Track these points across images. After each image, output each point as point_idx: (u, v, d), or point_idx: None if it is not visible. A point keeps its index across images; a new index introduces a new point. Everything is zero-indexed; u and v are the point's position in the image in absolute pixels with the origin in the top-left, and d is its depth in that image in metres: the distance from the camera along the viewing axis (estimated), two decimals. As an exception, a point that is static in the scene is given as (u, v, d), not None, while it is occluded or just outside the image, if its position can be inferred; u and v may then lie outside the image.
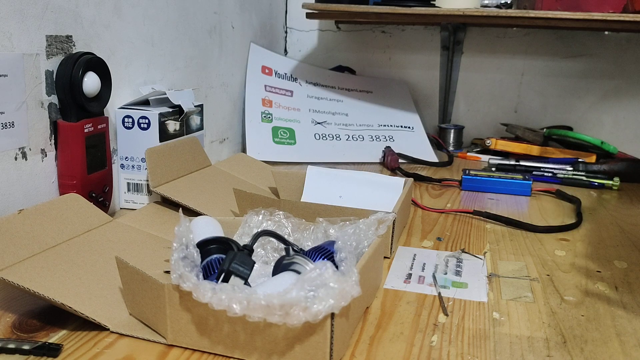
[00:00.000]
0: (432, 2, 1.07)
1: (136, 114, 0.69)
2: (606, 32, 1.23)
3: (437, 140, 1.24)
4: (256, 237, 0.45)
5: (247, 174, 0.81)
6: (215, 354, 0.39)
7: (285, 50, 1.39)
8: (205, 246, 0.46)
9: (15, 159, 0.55)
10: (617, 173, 1.01)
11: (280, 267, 0.44)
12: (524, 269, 0.58)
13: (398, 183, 0.73)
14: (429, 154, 1.13)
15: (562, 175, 0.99)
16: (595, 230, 0.71)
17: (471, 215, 0.76)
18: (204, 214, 0.62)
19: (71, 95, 0.59)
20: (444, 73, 1.32)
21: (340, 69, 1.34)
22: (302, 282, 0.37)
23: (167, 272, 0.49)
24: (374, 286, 0.50)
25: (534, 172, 1.01)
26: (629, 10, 0.96)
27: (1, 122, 0.53)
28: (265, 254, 0.53)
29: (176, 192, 0.66)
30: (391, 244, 0.59)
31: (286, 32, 1.38)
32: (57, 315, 0.44)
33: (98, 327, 0.42)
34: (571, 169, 1.02)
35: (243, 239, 0.52)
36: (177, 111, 0.74)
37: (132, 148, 0.69)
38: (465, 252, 0.61)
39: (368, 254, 0.45)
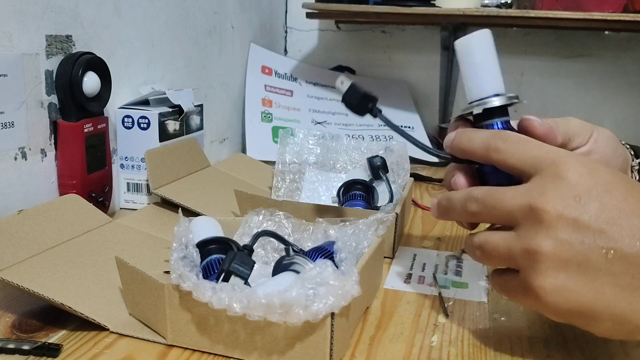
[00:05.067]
0: (432, 2, 1.07)
1: (136, 113, 0.69)
2: (606, 32, 1.22)
3: (437, 140, 1.24)
4: (256, 237, 0.45)
5: (247, 174, 0.81)
6: (215, 354, 0.39)
7: (285, 50, 1.39)
8: (205, 246, 0.46)
9: (15, 159, 0.55)
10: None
11: (280, 267, 0.44)
12: (524, 269, 0.57)
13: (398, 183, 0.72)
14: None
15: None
16: (596, 230, 0.71)
17: (471, 215, 0.75)
18: (205, 215, 0.62)
19: (71, 95, 0.58)
20: (444, 73, 1.32)
21: (340, 69, 1.33)
22: (302, 280, 0.37)
23: (167, 272, 0.49)
24: (374, 286, 0.50)
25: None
26: (629, 10, 0.96)
27: (1, 122, 0.53)
28: (265, 254, 0.53)
29: (177, 193, 0.66)
30: (393, 244, 0.59)
31: (286, 31, 1.38)
32: (56, 316, 0.44)
33: (98, 327, 0.42)
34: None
35: (243, 239, 0.52)
36: (177, 111, 0.74)
37: (131, 148, 0.69)
38: (466, 252, 0.61)
39: (368, 254, 0.45)
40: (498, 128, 0.42)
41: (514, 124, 0.44)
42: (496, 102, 0.42)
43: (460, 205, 0.40)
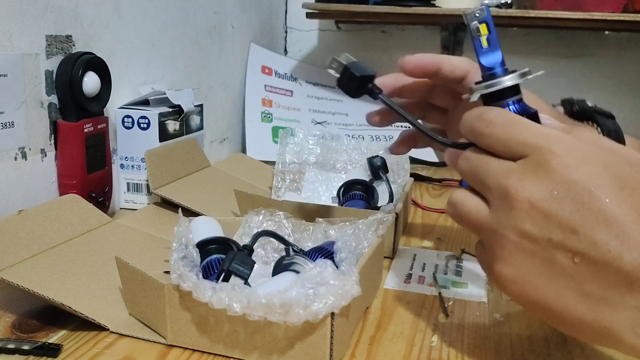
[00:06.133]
0: (432, 2, 1.07)
1: (136, 113, 0.69)
2: (606, 32, 1.22)
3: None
4: (256, 237, 0.45)
5: (247, 174, 0.81)
6: (215, 354, 0.39)
7: (285, 50, 1.39)
8: (205, 246, 0.46)
9: (15, 159, 0.55)
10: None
11: (280, 267, 0.44)
12: (524, 269, 0.57)
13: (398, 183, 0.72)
14: (429, 154, 1.13)
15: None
16: (596, 230, 0.71)
17: (471, 215, 0.75)
18: (205, 215, 0.62)
19: (71, 95, 0.58)
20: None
21: (340, 69, 1.33)
22: (302, 280, 0.37)
23: (167, 272, 0.49)
24: (374, 286, 0.50)
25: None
26: (629, 10, 0.96)
27: (1, 122, 0.53)
28: (265, 254, 0.53)
29: (177, 193, 0.66)
30: (393, 244, 0.59)
31: (286, 32, 1.38)
32: (56, 315, 0.44)
33: (98, 327, 0.42)
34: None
35: (243, 239, 0.52)
36: (177, 111, 0.74)
37: (131, 148, 0.69)
38: (466, 252, 0.61)
39: (368, 254, 0.45)
40: (514, 110, 0.38)
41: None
42: (495, 86, 0.37)
43: (453, 160, 0.39)
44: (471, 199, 0.37)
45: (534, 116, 0.38)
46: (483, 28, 0.38)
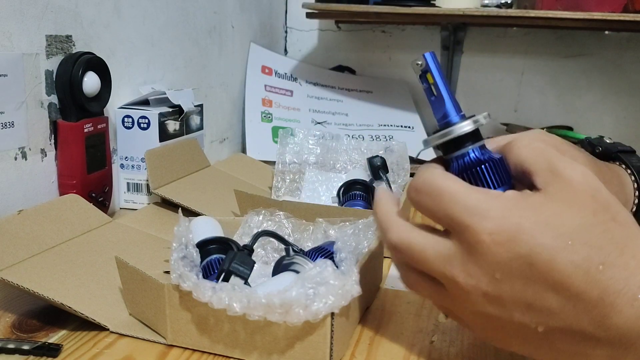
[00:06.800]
0: (432, 2, 1.07)
1: (136, 113, 0.69)
2: (606, 32, 1.22)
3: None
4: (256, 237, 0.45)
5: (247, 174, 0.81)
6: (215, 354, 0.39)
7: (285, 50, 1.39)
8: (205, 246, 0.46)
9: (15, 159, 0.55)
10: (617, 173, 1.01)
11: (280, 267, 0.44)
12: (524, 268, 0.57)
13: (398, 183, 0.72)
14: (430, 154, 1.13)
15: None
16: (596, 230, 0.71)
17: (471, 215, 0.75)
18: (205, 215, 0.62)
19: (71, 95, 0.59)
20: (444, 73, 1.32)
21: (340, 68, 1.33)
22: (302, 280, 0.37)
23: (167, 272, 0.49)
24: (374, 286, 0.50)
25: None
26: (629, 10, 0.96)
27: (1, 122, 0.53)
28: (265, 254, 0.53)
29: (177, 193, 0.66)
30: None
31: (286, 31, 1.38)
32: (56, 315, 0.44)
33: (98, 327, 0.42)
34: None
35: (243, 239, 0.52)
36: (177, 111, 0.74)
37: (131, 148, 0.69)
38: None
39: (368, 254, 0.45)
40: (470, 159, 0.35)
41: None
42: (443, 137, 0.35)
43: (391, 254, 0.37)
44: (424, 284, 0.35)
45: (498, 162, 0.35)
46: (429, 77, 0.37)
